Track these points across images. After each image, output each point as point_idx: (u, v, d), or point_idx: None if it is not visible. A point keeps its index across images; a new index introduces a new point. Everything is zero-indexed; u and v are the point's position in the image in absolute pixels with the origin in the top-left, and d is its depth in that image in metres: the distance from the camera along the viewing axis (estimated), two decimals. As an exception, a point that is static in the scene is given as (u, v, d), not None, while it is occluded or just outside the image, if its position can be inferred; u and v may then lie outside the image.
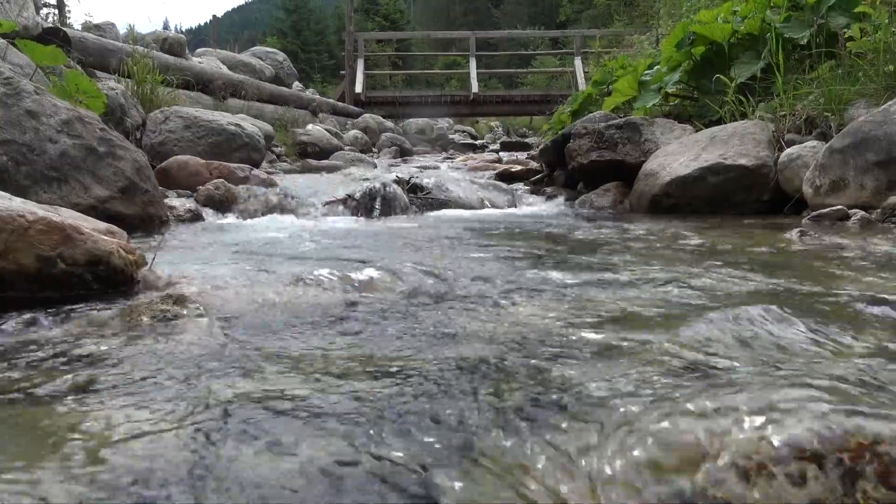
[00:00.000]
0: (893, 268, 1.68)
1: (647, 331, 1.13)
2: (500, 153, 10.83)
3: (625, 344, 1.06)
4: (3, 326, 1.23)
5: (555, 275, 1.69)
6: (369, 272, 1.65)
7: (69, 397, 0.90)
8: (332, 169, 6.72)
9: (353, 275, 1.62)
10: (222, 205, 3.40)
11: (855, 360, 0.94)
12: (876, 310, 1.19)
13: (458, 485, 0.67)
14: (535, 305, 1.36)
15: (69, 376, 0.98)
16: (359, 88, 15.65)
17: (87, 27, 9.18)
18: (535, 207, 4.13)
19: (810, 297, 1.37)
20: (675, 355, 0.98)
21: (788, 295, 1.41)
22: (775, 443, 0.62)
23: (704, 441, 0.65)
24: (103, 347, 1.11)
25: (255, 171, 4.23)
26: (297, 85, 14.35)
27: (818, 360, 0.95)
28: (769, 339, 1.04)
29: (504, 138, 17.62)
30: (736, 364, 0.93)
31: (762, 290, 1.47)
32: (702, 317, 1.15)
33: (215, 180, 3.55)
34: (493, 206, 4.05)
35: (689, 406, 0.72)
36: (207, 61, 9.99)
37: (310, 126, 9.29)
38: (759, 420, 0.66)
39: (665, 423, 0.70)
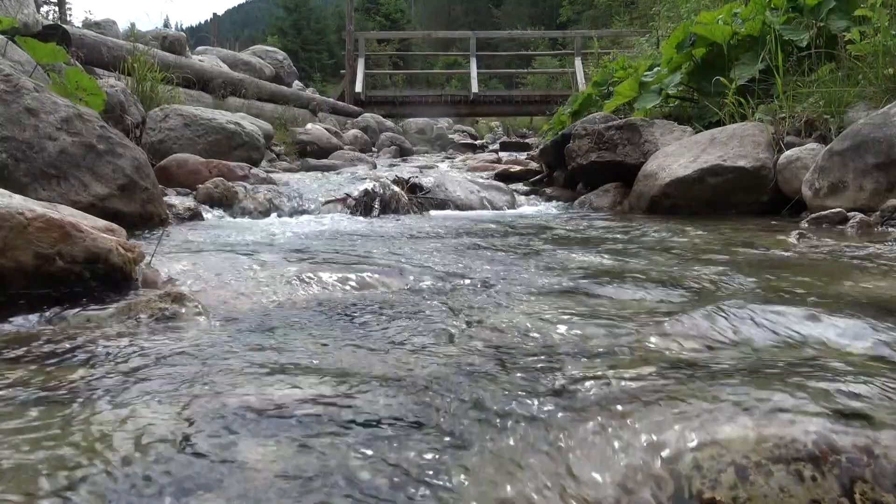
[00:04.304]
0: (889, 270, 1.68)
1: (636, 327, 1.13)
2: (500, 153, 10.82)
3: (613, 340, 1.06)
4: (1, 325, 1.23)
5: (552, 275, 1.69)
6: (367, 271, 1.65)
7: (67, 396, 0.90)
8: (331, 168, 6.72)
9: (351, 274, 1.62)
10: (221, 203, 3.40)
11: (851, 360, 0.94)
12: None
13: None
14: (530, 305, 1.36)
15: (67, 375, 0.98)
16: (359, 88, 15.64)
17: (88, 24, 9.17)
18: (534, 208, 4.13)
19: (807, 299, 1.37)
20: (661, 351, 0.98)
21: (785, 296, 1.41)
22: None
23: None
24: (101, 346, 1.11)
25: (255, 170, 4.22)
26: (297, 84, 14.33)
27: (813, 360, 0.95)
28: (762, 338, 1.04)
29: (504, 138, 17.60)
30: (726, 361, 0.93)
31: (760, 290, 1.47)
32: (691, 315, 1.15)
33: (214, 179, 3.55)
34: (493, 206, 4.05)
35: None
36: (208, 60, 9.97)
37: (309, 125, 9.29)
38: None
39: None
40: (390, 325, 1.23)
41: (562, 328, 1.17)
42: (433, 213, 3.70)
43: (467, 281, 1.63)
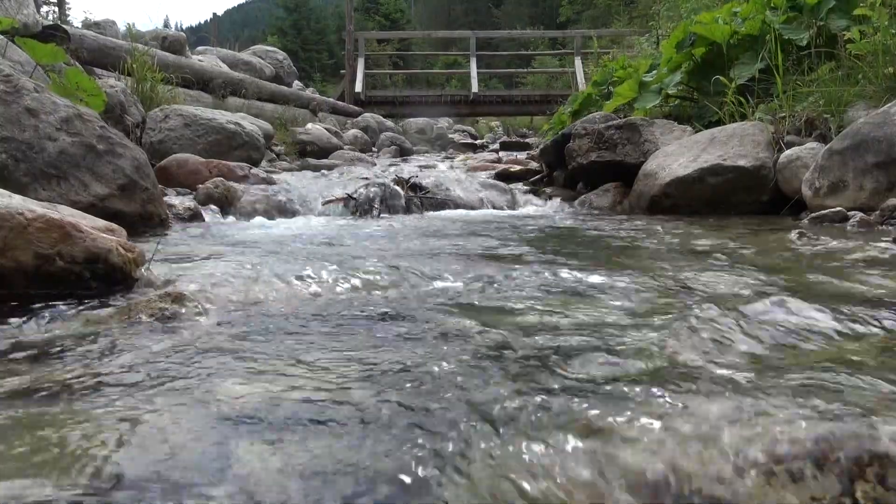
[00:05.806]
0: (889, 270, 1.68)
1: (633, 328, 1.13)
2: (500, 153, 10.80)
3: (610, 340, 1.06)
4: (1, 325, 1.23)
5: (551, 276, 1.69)
6: (367, 272, 1.65)
7: (67, 395, 0.90)
8: (331, 168, 6.72)
9: (350, 274, 1.62)
10: (221, 203, 3.40)
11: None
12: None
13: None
14: (528, 306, 1.36)
15: (67, 374, 0.98)
16: (359, 88, 15.63)
17: (87, 25, 9.16)
18: (534, 208, 4.13)
19: (806, 299, 1.37)
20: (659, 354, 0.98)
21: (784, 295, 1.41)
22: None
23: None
24: (101, 346, 1.11)
25: (255, 170, 4.22)
26: (297, 84, 14.31)
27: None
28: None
29: (504, 138, 17.58)
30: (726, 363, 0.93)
31: (759, 290, 1.47)
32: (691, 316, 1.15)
33: (214, 179, 3.55)
34: (493, 206, 4.05)
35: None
36: (208, 60, 9.96)
37: (309, 125, 9.28)
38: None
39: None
40: (392, 327, 1.23)
41: (558, 327, 1.17)
42: (433, 212, 3.70)
43: (466, 281, 1.63)
